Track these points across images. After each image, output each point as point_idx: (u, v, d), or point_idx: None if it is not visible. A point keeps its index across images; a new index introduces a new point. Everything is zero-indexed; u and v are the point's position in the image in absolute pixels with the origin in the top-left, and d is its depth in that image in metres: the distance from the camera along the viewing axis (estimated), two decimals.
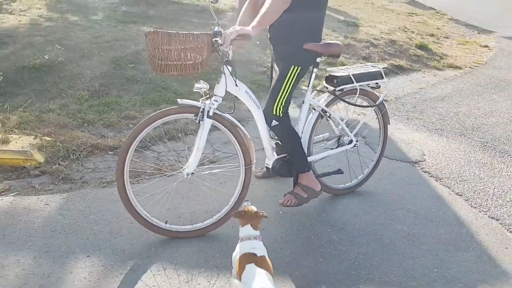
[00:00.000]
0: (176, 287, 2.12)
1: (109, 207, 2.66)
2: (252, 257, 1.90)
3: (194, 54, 2.21)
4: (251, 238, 1.99)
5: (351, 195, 3.09)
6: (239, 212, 2.08)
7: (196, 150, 2.40)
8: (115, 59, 4.82)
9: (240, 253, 1.94)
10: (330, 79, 2.85)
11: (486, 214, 2.96)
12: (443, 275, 2.34)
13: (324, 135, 3.01)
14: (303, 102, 2.79)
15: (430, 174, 3.48)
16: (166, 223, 2.47)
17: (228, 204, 2.56)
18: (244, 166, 2.52)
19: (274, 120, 2.61)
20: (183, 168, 2.45)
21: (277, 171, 2.74)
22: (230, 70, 2.41)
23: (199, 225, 2.52)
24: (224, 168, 2.78)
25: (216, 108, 2.40)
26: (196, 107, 2.37)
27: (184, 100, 2.37)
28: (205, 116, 2.36)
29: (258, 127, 2.64)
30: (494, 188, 3.30)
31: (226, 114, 2.46)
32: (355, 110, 4.16)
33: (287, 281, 2.22)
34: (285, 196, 2.75)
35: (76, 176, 2.99)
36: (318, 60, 2.71)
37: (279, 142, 2.72)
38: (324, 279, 2.25)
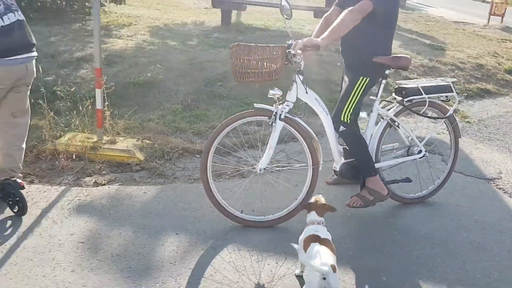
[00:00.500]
0: (248, 264, 2.42)
1: (195, 198, 3.06)
2: (316, 238, 2.16)
3: (269, 64, 2.57)
4: (315, 223, 2.25)
5: (420, 204, 3.18)
6: (308, 203, 2.35)
7: (268, 148, 2.73)
8: (205, 78, 5.38)
9: (305, 234, 2.22)
10: (399, 90, 3.03)
11: None
12: (503, 278, 2.38)
13: (393, 144, 3.18)
14: (371, 111, 3.00)
15: (504, 191, 3.45)
16: (242, 213, 2.80)
17: (296, 200, 2.83)
18: (312, 166, 2.78)
19: (341, 126, 2.85)
20: (257, 165, 2.78)
21: (343, 174, 2.96)
22: (301, 79, 2.73)
23: (270, 216, 2.81)
24: (293, 167, 3.06)
25: (287, 112, 2.71)
26: (270, 110, 2.70)
27: (259, 105, 2.72)
28: (277, 119, 2.69)
29: (326, 132, 2.90)
30: None
31: (296, 118, 2.75)
32: (426, 122, 4.22)
33: (349, 270, 2.42)
34: (351, 197, 2.94)
35: (169, 172, 3.46)
36: (387, 72, 2.92)
37: (347, 147, 2.94)
38: (384, 272, 2.41)
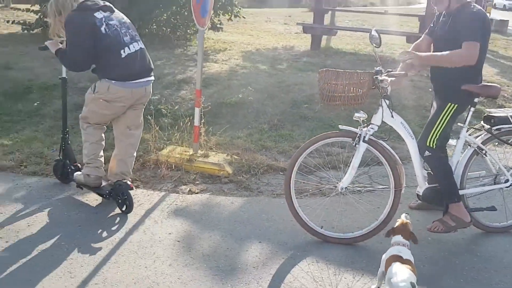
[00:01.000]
0: (325, 275, 2.56)
1: (277, 211, 3.27)
2: (398, 258, 2.25)
3: (356, 88, 2.73)
4: (400, 244, 2.34)
5: (506, 233, 3.09)
6: (395, 227, 2.43)
7: (351, 168, 2.86)
8: (292, 100, 5.64)
9: (388, 254, 2.31)
10: (488, 119, 3.01)
11: None
12: None
13: (480, 172, 3.14)
14: (458, 138, 3.01)
15: None
16: (322, 228, 2.94)
17: (377, 220, 2.91)
18: (394, 188, 2.86)
19: (427, 151, 2.90)
20: (338, 183, 2.92)
21: (426, 198, 2.99)
22: (388, 103, 2.84)
23: (349, 234, 2.92)
24: (375, 189, 3.14)
25: (372, 135, 2.83)
26: (354, 132, 2.84)
27: (344, 126, 2.87)
28: (361, 141, 2.82)
29: (411, 156, 2.96)
30: None
31: (380, 141, 2.86)
32: None
33: None
34: (433, 222, 2.95)
35: (254, 186, 3.71)
36: (476, 100, 2.93)
37: (431, 172, 2.97)
38: None
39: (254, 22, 13.30)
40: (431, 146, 2.88)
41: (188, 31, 9.05)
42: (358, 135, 2.83)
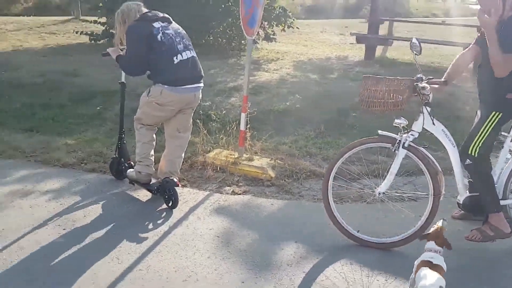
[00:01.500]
0: (358, 277, 2.61)
1: (316, 215, 3.34)
2: (428, 263, 2.26)
3: (396, 95, 2.76)
4: (432, 251, 2.35)
5: None
6: (428, 233, 2.44)
7: (389, 174, 2.88)
8: (339, 109, 5.68)
9: (420, 259, 2.33)
10: None
11: None
12: None
13: None
14: (502, 147, 2.94)
15: None
16: (358, 232, 2.98)
17: (414, 227, 2.90)
18: (433, 195, 2.84)
19: (468, 159, 2.87)
20: (376, 189, 2.95)
21: (466, 207, 2.94)
22: (429, 110, 2.84)
23: (385, 239, 2.94)
24: (413, 195, 3.13)
25: (411, 141, 2.84)
26: (394, 138, 2.87)
27: (384, 132, 2.91)
28: (400, 147, 2.84)
29: (452, 163, 2.93)
30: None
31: (420, 147, 2.87)
32: None
33: None
34: (471, 231, 2.91)
35: (295, 190, 3.80)
36: None
37: (472, 180, 2.93)
38: None
39: (310, 32, 13.40)
40: (473, 154, 2.85)
41: (243, 41, 9.34)
42: (398, 141, 2.85)
